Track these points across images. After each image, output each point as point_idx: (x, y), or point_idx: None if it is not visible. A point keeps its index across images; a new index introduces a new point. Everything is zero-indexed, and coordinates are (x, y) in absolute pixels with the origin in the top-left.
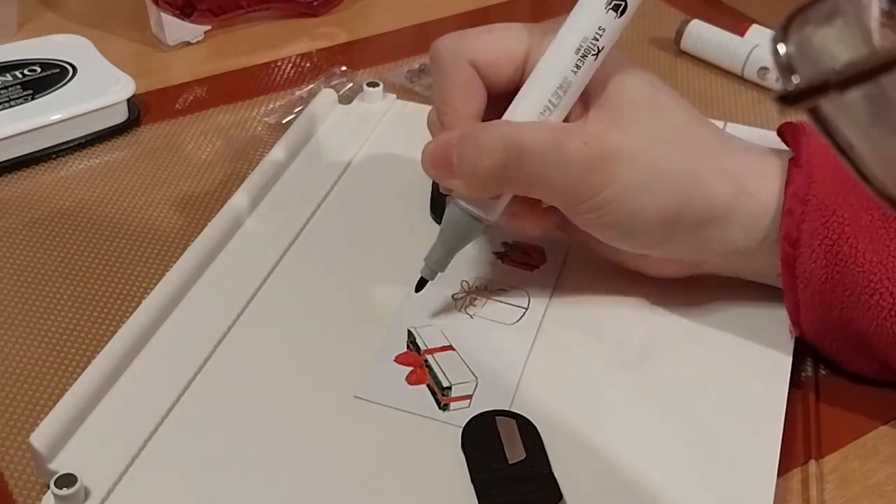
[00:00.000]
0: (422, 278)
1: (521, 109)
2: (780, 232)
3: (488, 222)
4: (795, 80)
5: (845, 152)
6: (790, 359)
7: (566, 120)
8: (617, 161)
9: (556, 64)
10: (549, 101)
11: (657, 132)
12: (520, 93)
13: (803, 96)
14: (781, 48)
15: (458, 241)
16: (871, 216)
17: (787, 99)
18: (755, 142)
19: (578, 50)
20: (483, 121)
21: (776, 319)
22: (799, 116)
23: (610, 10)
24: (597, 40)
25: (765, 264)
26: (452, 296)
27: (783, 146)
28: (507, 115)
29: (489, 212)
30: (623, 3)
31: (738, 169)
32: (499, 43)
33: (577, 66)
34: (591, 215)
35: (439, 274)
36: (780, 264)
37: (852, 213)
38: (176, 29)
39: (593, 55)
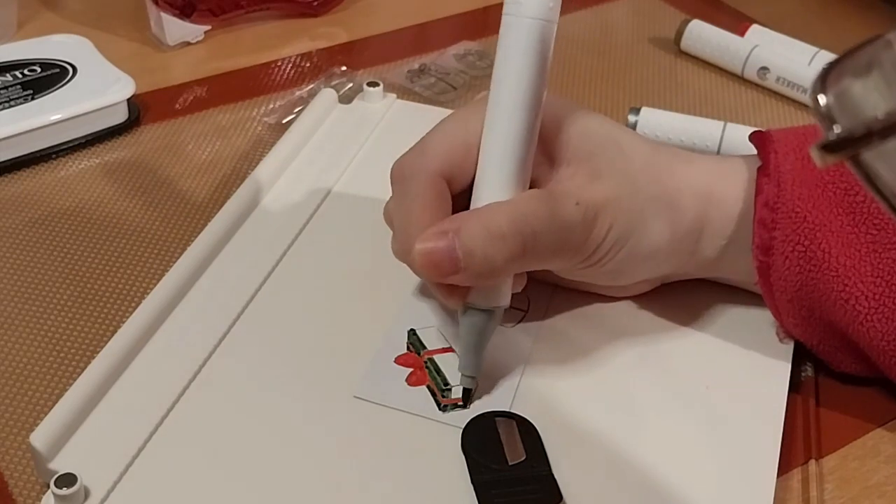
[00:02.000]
0: (465, 390)
1: (497, 187)
2: (753, 241)
3: (505, 306)
4: (837, 129)
5: (888, 199)
6: (790, 359)
7: (534, 179)
8: (607, 210)
9: (505, 129)
10: (516, 169)
11: (629, 171)
12: (481, 172)
13: (845, 145)
14: (822, 99)
15: (483, 339)
16: (842, 221)
17: (829, 148)
18: None
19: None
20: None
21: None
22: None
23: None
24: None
25: (729, 270)
26: None
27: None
28: (479, 198)
29: (502, 297)
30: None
31: (703, 178)
32: (458, 145)
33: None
34: (592, 268)
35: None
36: (757, 273)
37: (823, 219)
38: (176, 29)
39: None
